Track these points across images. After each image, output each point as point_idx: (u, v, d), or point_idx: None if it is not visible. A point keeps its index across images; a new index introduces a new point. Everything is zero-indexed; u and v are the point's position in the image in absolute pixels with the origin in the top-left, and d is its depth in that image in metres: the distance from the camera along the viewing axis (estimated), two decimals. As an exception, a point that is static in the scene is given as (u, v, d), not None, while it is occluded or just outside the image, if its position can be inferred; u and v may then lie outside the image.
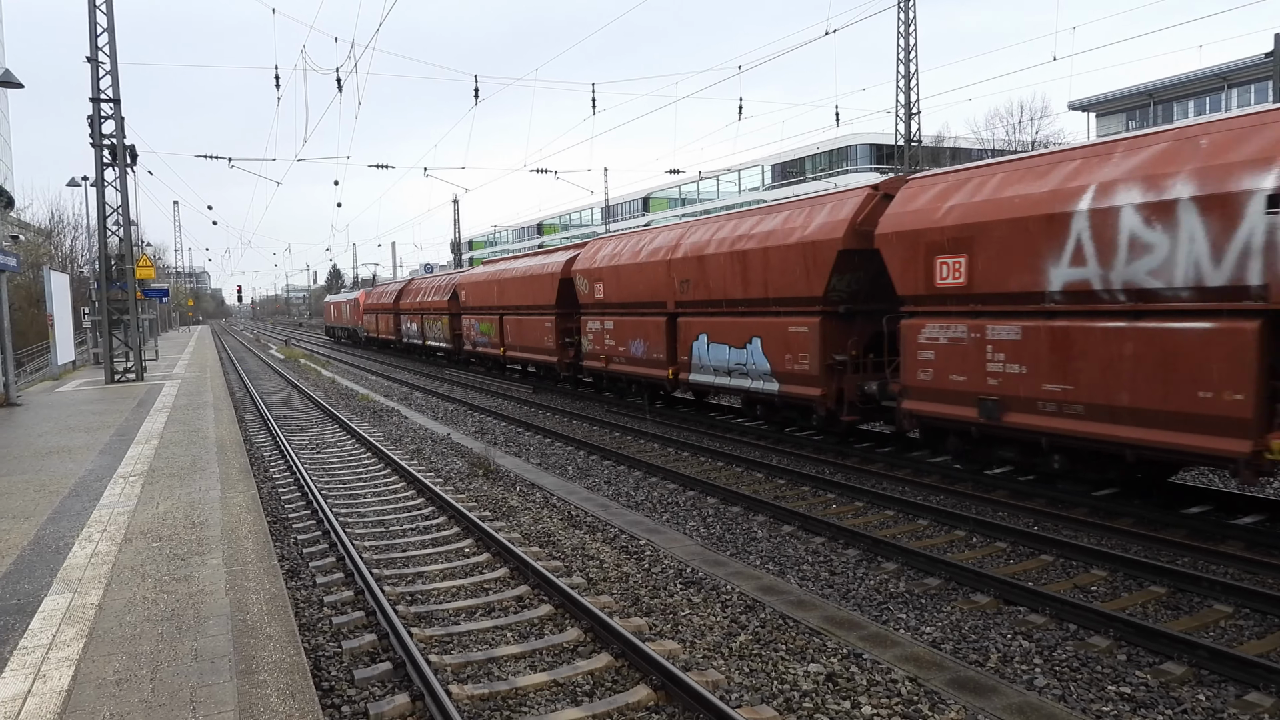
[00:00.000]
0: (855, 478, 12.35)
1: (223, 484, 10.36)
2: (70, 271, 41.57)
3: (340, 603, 7.72)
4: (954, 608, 7.57)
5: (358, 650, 6.64)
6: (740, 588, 7.83)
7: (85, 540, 8.03)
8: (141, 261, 26.76)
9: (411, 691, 5.82)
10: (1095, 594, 7.80)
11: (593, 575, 8.33)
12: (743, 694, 5.83)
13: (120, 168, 23.72)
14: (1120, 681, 6.08)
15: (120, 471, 11.27)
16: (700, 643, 6.67)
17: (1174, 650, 6.39)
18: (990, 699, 5.58)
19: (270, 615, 6.03)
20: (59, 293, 26.91)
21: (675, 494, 11.98)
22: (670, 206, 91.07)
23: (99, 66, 22.87)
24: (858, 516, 10.56)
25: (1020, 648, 6.69)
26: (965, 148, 58.65)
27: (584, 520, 10.53)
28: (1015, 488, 11.06)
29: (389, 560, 9.03)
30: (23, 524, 8.70)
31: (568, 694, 5.91)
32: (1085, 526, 9.53)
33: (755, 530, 10.15)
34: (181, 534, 8.16)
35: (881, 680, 5.90)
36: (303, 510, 11.26)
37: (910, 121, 36.49)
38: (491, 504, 11.36)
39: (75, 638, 5.69)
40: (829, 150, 67.77)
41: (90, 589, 6.66)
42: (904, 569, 8.58)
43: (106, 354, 24.82)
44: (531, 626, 7.12)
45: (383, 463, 14.31)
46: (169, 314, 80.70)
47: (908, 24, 35.42)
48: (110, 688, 4.95)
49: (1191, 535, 9.07)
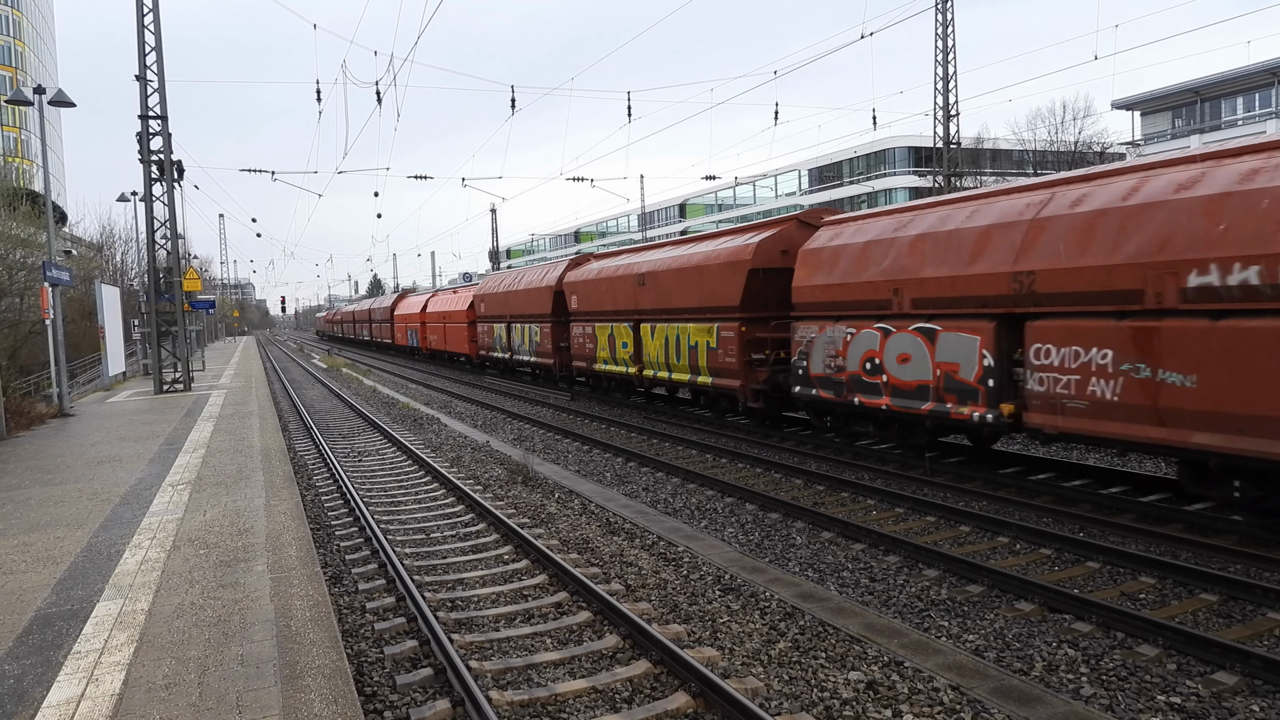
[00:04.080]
0: (895, 484, 12.22)
1: (267, 492, 10.54)
2: (121, 284, 42.64)
3: (382, 609, 7.82)
4: (997, 615, 7.46)
5: (399, 656, 6.72)
6: (779, 594, 7.79)
7: (135, 547, 8.22)
8: (189, 274, 27.34)
9: (452, 697, 5.88)
10: (1143, 601, 7.64)
11: (631, 582, 8.34)
12: (782, 702, 5.80)
13: (168, 183, 24.28)
14: (1170, 691, 5.95)
15: (169, 480, 11.52)
16: (739, 650, 6.65)
17: (1226, 659, 6.24)
18: (1035, 708, 5.49)
19: (314, 621, 6.13)
20: (110, 305, 27.60)
21: (713, 500, 11.96)
22: (706, 212, 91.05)
23: (147, 85, 23.46)
24: (898, 523, 10.46)
25: (1066, 656, 6.57)
26: (1006, 149, 57.87)
27: (622, 527, 10.55)
28: (1060, 493, 10.88)
29: (429, 567, 9.12)
30: (76, 531, 8.94)
31: (606, 700, 5.92)
32: (1133, 533, 9.33)
33: (794, 537, 10.10)
34: (228, 541, 8.32)
35: (923, 689, 5.84)
36: (345, 517, 11.41)
37: (949, 124, 36.11)
38: (530, 511, 11.43)
39: (126, 643, 5.82)
40: (867, 154, 67.28)
41: (140, 595, 6.81)
42: (945, 576, 8.48)
43: (155, 365, 25.40)
44: (570, 633, 7.15)
45: (423, 470, 14.46)
46: (215, 325, 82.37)
47: (945, 25, 35.08)
48: (160, 692, 5.06)
49: (1243, 541, 8.85)
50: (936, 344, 11.68)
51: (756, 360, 16.32)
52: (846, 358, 13.48)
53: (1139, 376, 8.99)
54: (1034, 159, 54.52)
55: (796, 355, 14.77)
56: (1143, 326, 8.96)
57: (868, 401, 13.15)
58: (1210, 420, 8.39)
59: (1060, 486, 11.07)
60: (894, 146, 66.46)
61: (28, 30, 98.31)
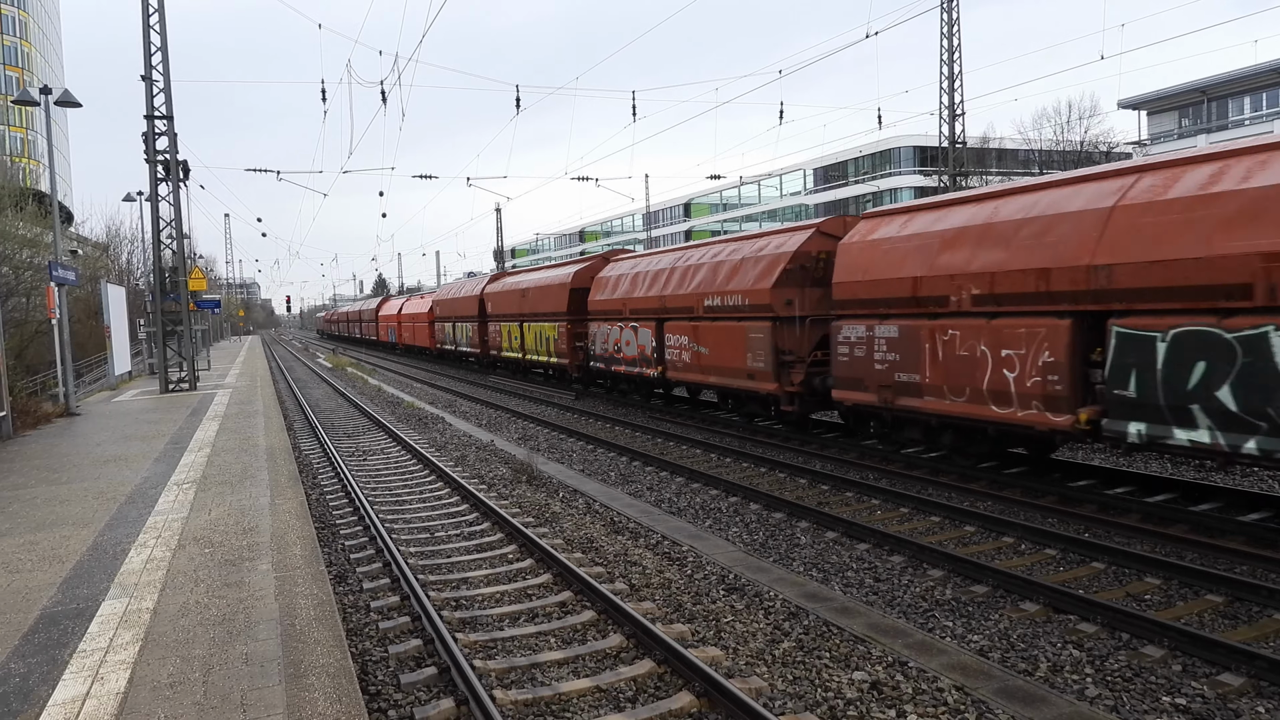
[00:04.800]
0: (900, 484, 12.20)
1: (272, 491, 10.56)
2: (126, 284, 42.71)
3: (386, 608, 7.83)
4: (1002, 615, 7.44)
5: (403, 655, 6.73)
6: (783, 594, 7.78)
7: (141, 546, 8.24)
8: (194, 273, 27.41)
9: (456, 696, 5.88)
10: (1149, 602, 7.62)
11: (635, 581, 8.34)
12: (786, 701, 5.79)
13: (173, 182, 24.34)
14: (1175, 692, 5.93)
15: (174, 479, 11.55)
16: (743, 649, 6.64)
17: (1232, 661, 6.21)
18: (1040, 709, 5.48)
19: (318, 620, 6.14)
20: (116, 305, 27.66)
21: (717, 500, 11.95)
22: (711, 212, 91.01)
23: (153, 85, 23.52)
24: (903, 523, 10.44)
25: (1071, 657, 6.56)
26: (1011, 149, 57.75)
27: (626, 526, 10.55)
28: (1065, 493, 10.85)
29: (434, 566, 9.13)
30: (82, 530, 8.96)
31: (610, 700, 5.92)
32: (1138, 533, 9.31)
33: (798, 536, 10.09)
34: (233, 540, 8.34)
35: (927, 689, 5.83)
36: (350, 516, 11.43)
37: (954, 123, 36.04)
38: (535, 510, 11.43)
39: (131, 641, 5.84)
40: (872, 153, 67.20)
41: (146, 594, 6.83)
42: (950, 576, 8.46)
43: (161, 364, 25.47)
44: (574, 632, 7.15)
45: (428, 469, 14.47)
46: (220, 324, 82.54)
47: (951, 24, 35.01)
48: (165, 690, 5.07)
49: (1250, 542, 8.82)
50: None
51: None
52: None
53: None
54: (1040, 159, 54.42)
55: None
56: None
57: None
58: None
59: (1066, 487, 11.04)
60: (899, 146, 66.40)
61: (34, 31, 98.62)
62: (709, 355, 17.79)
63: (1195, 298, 8.59)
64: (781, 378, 15.48)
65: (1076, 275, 9.72)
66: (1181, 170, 9.21)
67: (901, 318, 12.44)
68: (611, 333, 22.57)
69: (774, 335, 15.54)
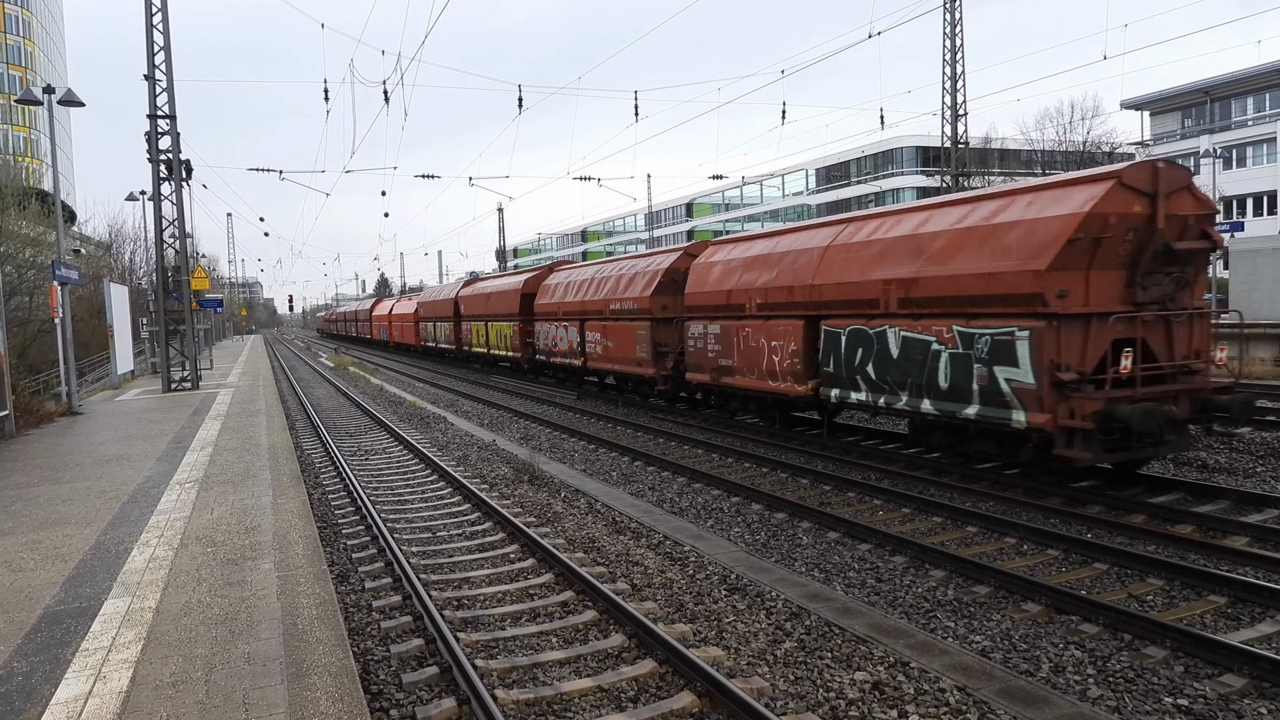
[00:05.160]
0: (902, 484, 12.20)
1: (274, 490, 10.57)
2: (129, 283, 42.81)
3: (388, 607, 7.84)
4: (1004, 616, 7.44)
5: (405, 654, 6.73)
6: (785, 594, 7.78)
7: (143, 545, 8.25)
8: (197, 273, 27.42)
9: (458, 696, 5.89)
10: (1151, 604, 7.61)
11: (637, 581, 8.34)
12: (788, 702, 5.79)
13: (176, 182, 24.38)
14: (1177, 693, 5.92)
15: (176, 478, 11.56)
16: (745, 649, 6.64)
17: (1234, 662, 6.21)
18: (1041, 709, 5.48)
19: (320, 619, 6.14)
20: (118, 304, 27.70)
21: (719, 500, 11.95)
22: (714, 212, 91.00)
23: (155, 84, 23.55)
24: (904, 523, 10.44)
25: (1073, 658, 6.55)
26: (1014, 149, 57.70)
27: (628, 526, 10.55)
28: (1070, 494, 10.85)
29: (436, 565, 9.14)
30: (84, 529, 8.98)
31: (612, 700, 5.93)
32: (1141, 534, 9.30)
33: (800, 537, 10.08)
34: (235, 539, 8.35)
35: (929, 689, 5.82)
36: (352, 516, 11.44)
37: (957, 123, 36.02)
38: (536, 510, 11.44)
39: (134, 640, 5.85)
40: (874, 154, 67.19)
41: (148, 593, 6.84)
42: (952, 576, 8.46)
43: (164, 363, 25.50)
44: (576, 632, 7.16)
45: (429, 469, 14.48)
46: (223, 324, 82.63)
47: (953, 25, 35.00)
48: (167, 689, 5.08)
49: (1254, 543, 8.81)
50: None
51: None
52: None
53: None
54: (1042, 159, 54.35)
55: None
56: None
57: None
58: None
59: (1069, 487, 11.03)
60: (902, 146, 66.41)
61: (37, 30, 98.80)
62: (614, 348, 22.36)
63: (858, 307, 13.12)
64: (658, 364, 20.21)
65: (807, 291, 14.27)
66: (862, 224, 13.83)
67: (722, 319, 17.10)
68: (551, 330, 27.18)
69: (653, 332, 20.18)
